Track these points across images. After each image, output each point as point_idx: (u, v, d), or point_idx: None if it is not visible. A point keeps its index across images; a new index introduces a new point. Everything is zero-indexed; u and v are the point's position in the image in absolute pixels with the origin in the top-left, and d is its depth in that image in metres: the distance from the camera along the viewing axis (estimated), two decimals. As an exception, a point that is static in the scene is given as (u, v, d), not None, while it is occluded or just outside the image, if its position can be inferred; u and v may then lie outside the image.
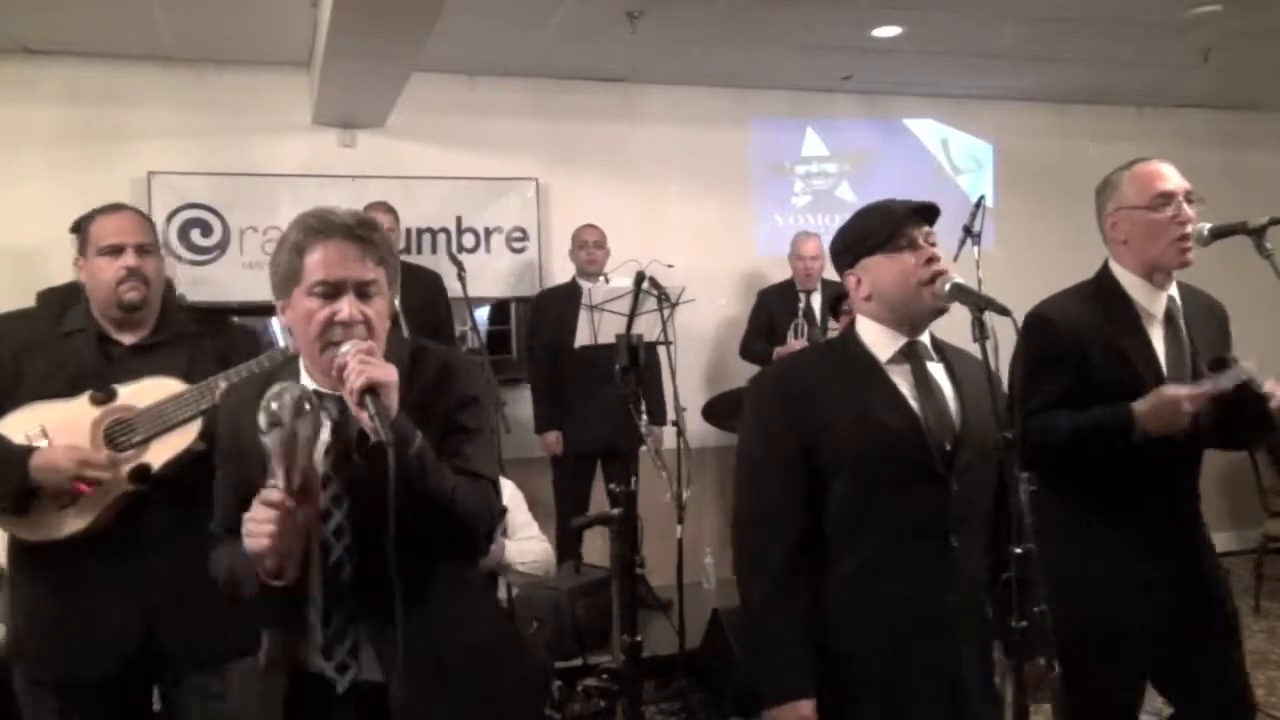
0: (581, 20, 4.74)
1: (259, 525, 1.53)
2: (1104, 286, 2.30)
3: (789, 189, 6.18)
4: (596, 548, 4.64)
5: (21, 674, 2.24)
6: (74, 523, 2.11)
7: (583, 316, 4.49)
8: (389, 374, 1.56)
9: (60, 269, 4.57)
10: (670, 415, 4.45)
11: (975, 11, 4.83)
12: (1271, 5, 4.75)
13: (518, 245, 5.59)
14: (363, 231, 1.66)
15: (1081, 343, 2.22)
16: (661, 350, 4.30)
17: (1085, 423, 2.16)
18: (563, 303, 4.91)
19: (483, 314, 5.43)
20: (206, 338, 2.32)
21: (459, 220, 5.50)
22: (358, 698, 1.68)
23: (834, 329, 4.48)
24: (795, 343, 5.14)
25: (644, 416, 3.70)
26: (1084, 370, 2.21)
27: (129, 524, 2.14)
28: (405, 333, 3.47)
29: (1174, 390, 2.11)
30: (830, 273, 5.23)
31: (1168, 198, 2.22)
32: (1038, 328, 2.25)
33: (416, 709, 1.60)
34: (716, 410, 5.14)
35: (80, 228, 2.28)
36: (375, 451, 1.51)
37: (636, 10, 4.59)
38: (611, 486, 2.44)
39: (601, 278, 5.04)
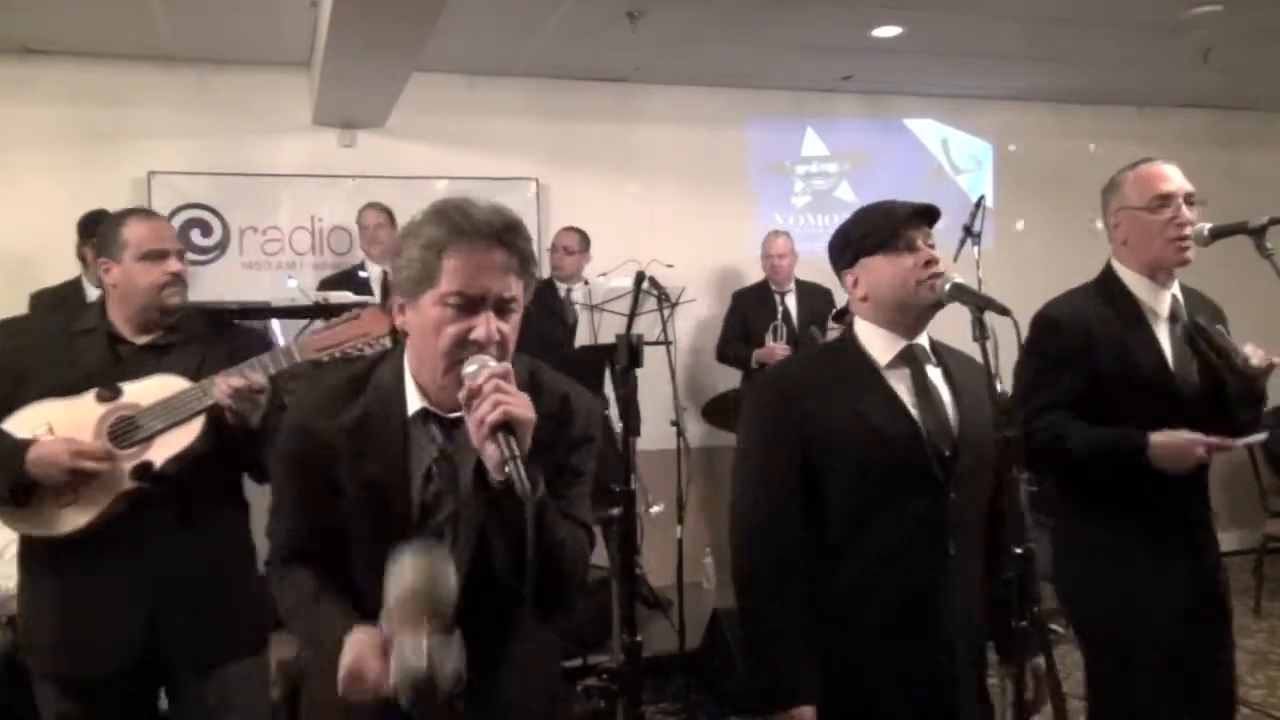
0: (581, 20, 4.74)
1: (353, 682, 1.38)
2: (1108, 285, 2.33)
3: (789, 189, 6.18)
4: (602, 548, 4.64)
5: (33, 670, 2.24)
6: (75, 519, 2.11)
7: (582, 316, 4.49)
8: (528, 410, 1.37)
9: (59, 268, 4.60)
10: (670, 418, 4.43)
11: (975, 11, 4.83)
12: (1271, 5, 4.74)
13: (518, 245, 5.58)
14: (509, 237, 1.45)
15: (1090, 340, 2.24)
16: (660, 350, 4.29)
17: (1099, 440, 2.18)
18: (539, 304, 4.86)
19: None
20: (216, 339, 2.31)
21: (459, 220, 5.49)
22: None
23: (833, 329, 4.46)
24: (775, 345, 5.10)
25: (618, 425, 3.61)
26: (1093, 367, 2.22)
27: (132, 522, 2.14)
28: None
29: (1193, 436, 2.12)
30: (802, 272, 5.28)
31: (1166, 199, 2.24)
32: (1045, 329, 2.28)
33: None
34: (716, 410, 5.14)
35: (104, 230, 2.24)
36: (503, 496, 1.35)
37: (636, 10, 4.59)
38: (612, 487, 2.43)
39: (582, 282, 4.98)
